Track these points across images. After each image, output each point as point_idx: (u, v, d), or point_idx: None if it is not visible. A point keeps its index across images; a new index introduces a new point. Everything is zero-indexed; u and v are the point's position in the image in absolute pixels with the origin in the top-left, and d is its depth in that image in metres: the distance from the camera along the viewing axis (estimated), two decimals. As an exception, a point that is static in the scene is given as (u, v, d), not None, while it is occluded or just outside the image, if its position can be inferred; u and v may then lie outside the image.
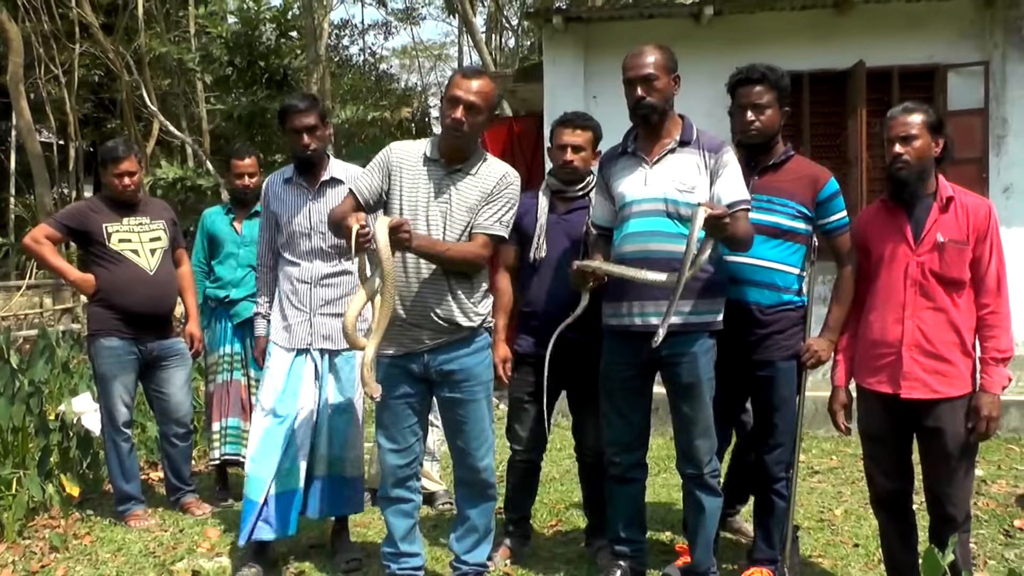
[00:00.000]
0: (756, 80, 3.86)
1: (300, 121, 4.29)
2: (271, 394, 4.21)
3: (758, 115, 3.85)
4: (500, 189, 3.65)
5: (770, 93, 3.86)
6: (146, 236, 5.14)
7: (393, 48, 33.97)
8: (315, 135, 4.30)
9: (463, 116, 3.54)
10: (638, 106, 3.67)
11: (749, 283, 3.82)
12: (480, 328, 3.73)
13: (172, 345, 5.17)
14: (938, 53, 7.86)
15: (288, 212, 4.34)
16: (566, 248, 4.16)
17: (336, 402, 4.27)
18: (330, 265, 4.30)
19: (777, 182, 3.87)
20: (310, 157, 4.32)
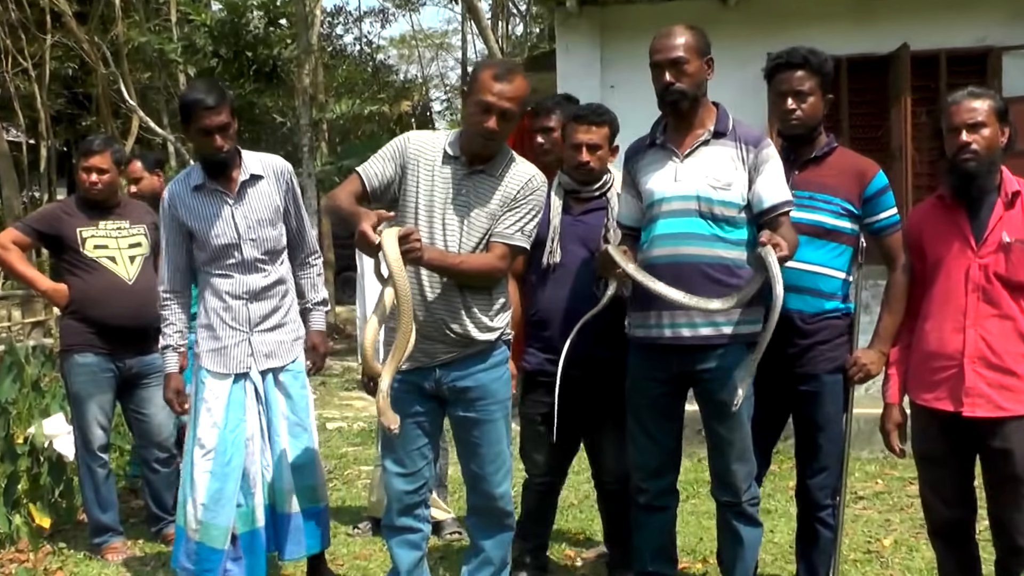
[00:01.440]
0: (797, 65, 3.83)
1: (211, 120, 4.08)
2: (210, 430, 4.13)
3: (799, 103, 3.81)
4: (524, 195, 3.59)
5: (812, 79, 3.83)
6: (125, 242, 5.11)
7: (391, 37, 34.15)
8: (227, 134, 4.14)
9: (496, 125, 3.47)
10: (667, 92, 3.63)
11: (790, 289, 3.74)
12: (497, 342, 3.69)
13: (153, 361, 5.11)
14: (990, 35, 7.80)
15: (207, 225, 4.17)
16: (582, 253, 4.13)
17: (289, 425, 4.23)
18: (265, 276, 4.22)
19: (820, 177, 3.84)
20: (223, 159, 4.17)
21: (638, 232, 3.80)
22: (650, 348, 3.71)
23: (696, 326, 3.59)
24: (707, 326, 3.57)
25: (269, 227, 4.22)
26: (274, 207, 4.25)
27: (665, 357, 3.66)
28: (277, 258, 4.27)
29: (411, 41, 33.12)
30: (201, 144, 4.17)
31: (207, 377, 4.18)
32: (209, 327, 4.21)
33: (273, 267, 4.24)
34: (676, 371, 3.65)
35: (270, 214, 4.23)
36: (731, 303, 3.47)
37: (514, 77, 3.50)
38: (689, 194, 3.61)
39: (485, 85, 3.47)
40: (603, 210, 4.16)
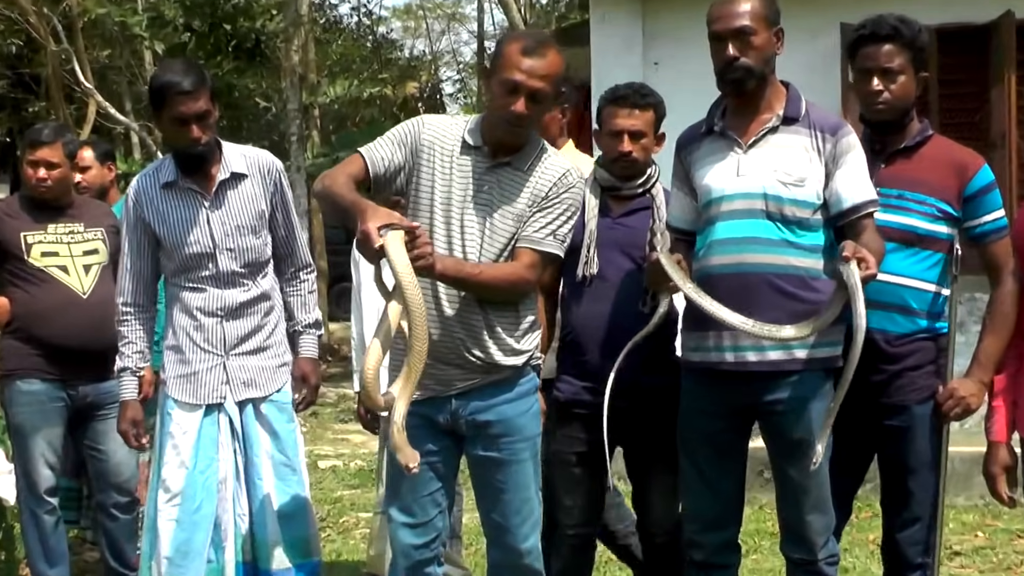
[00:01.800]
0: (885, 37, 3.81)
1: (187, 107, 4.06)
2: (177, 471, 4.11)
3: (888, 83, 3.80)
4: (558, 192, 3.57)
5: (903, 54, 3.81)
6: (79, 248, 5.11)
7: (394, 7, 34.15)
8: (206, 123, 4.14)
9: (526, 109, 3.44)
10: (729, 69, 3.63)
11: (874, 305, 3.74)
12: (525, 367, 3.68)
13: (111, 389, 5.07)
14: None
15: (177, 230, 4.18)
16: (624, 262, 4.13)
17: (275, 466, 4.22)
18: (244, 290, 4.22)
19: (911, 171, 3.82)
20: (201, 153, 4.17)
21: (691, 236, 3.80)
22: (708, 375, 3.71)
23: (764, 349, 3.58)
24: (777, 349, 3.56)
25: (251, 235, 4.23)
26: (258, 212, 4.25)
27: (726, 386, 3.65)
28: (260, 271, 4.27)
29: (418, 11, 33.27)
30: (175, 135, 4.16)
31: (174, 408, 4.18)
32: (177, 349, 4.21)
33: (254, 281, 4.24)
34: (740, 403, 3.65)
35: (253, 220, 4.23)
36: (806, 330, 3.47)
37: (546, 51, 3.48)
38: (754, 191, 3.60)
39: (512, 61, 3.46)
40: (647, 210, 4.15)
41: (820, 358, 3.61)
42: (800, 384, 3.60)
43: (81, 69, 16.76)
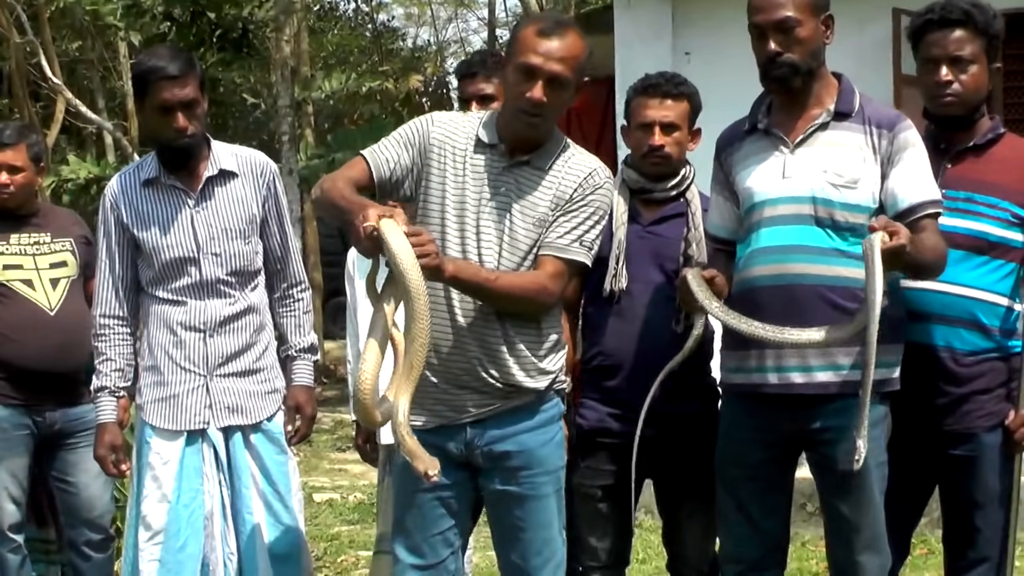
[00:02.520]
0: (955, 22, 3.83)
1: (173, 93, 4.08)
2: (158, 506, 4.12)
3: (957, 74, 3.82)
4: (584, 194, 3.57)
5: (976, 42, 3.83)
6: (45, 260, 5.14)
7: (396, -8, 34.22)
8: (194, 114, 4.14)
9: (544, 94, 3.44)
10: (773, 65, 3.64)
11: (939, 320, 3.80)
12: (548, 392, 3.67)
13: (83, 415, 5.13)
14: None
15: (157, 230, 4.19)
16: (656, 275, 4.12)
17: (265, 500, 4.23)
18: (230, 303, 4.21)
19: (981, 172, 3.83)
20: (187, 146, 4.17)
21: (732, 246, 3.82)
22: (750, 399, 3.72)
23: (811, 370, 3.58)
24: (825, 370, 3.56)
25: (239, 240, 4.23)
26: (248, 215, 4.26)
27: (770, 411, 3.66)
28: (248, 282, 4.27)
29: (422, -3, 33.35)
30: (158, 125, 4.17)
31: (152, 436, 4.18)
32: (154, 370, 4.21)
33: (241, 293, 4.24)
34: (785, 430, 3.65)
35: (242, 224, 4.24)
36: (840, 333, 3.46)
37: (566, 33, 3.51)
38: (802, 195, 3.61)
39: (528, 43, 3.47)
40: (681, 217, 4.15)
41: (875, 380, 3.56)
42: (850, 409, 3.57)
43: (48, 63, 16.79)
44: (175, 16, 14.61)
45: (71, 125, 20.15)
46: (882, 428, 3.66)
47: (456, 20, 33.96)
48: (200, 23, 14.64)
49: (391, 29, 30.76)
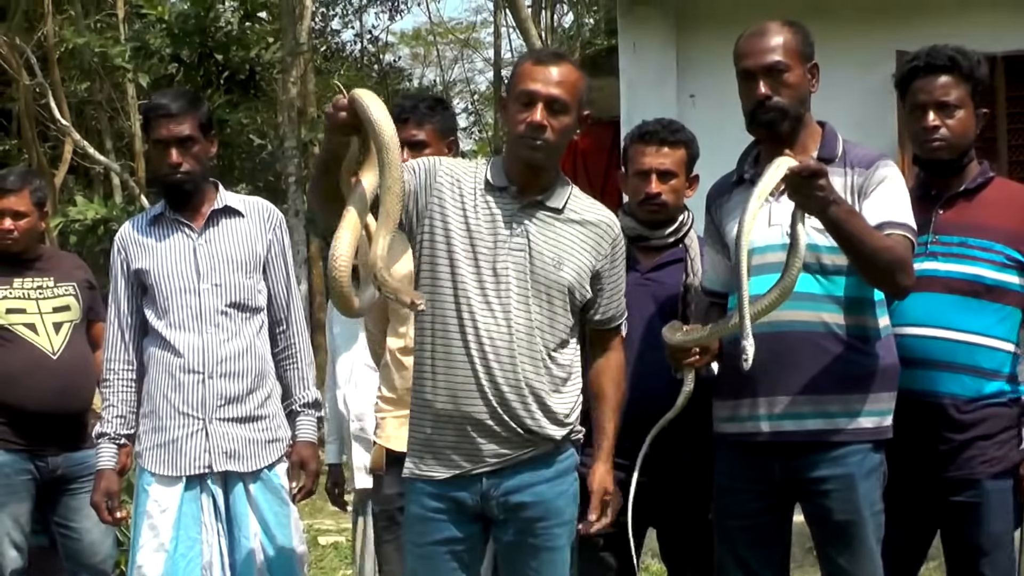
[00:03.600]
0: (941, 68, 3.84)
1: (169, 129, 4.17)
2: (154, 556, 4.11)
3: (944, 118, 3.82)
4: (615, 252, 3.62)
5: (961, 87, 3.84)
6: (48, 304, 5.15)
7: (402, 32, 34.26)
8: (189, 151, 4.19)
9: (544, 119, 3.46)
10: (760, 109, 3.65)
11: (938, 366, 3.79)
12: (566, 441, 3.65)
13: (85, 460, 5.11)
14: None
15: (158, 261, 4.24)
16: (655, 321, 4.09)
17: (266, 549, 4.20)
18: (229, 338, 4.21)
19: (974, 216, 3.83)
20: (179, 182, 4.21)
21: (726, 298, 3.80)
22: (744, 449, 3.70)
23: (803, 417, 3.57)
24: (816, 418, 3.56)
25: (240, 273, 4.24)
26: (251, 252, 4.28)
27: (764, 461, 3.64)
28: (250, 318, 4.26)
29: (428, 37, 33.43)
30: (156, 160, 4.25)
31: (151, 483, 4.17)
32: (153, 415, 4.21)
33: (241, 327, 4.24)
34: (779, 480, 3.63)
35: (245, 257, 4.26)
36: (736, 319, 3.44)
37: (561, 61, 3.56)
38: (775, 243, 3.60)
39: (525, 73, 3.53)
40: (680, 263, 4.15)
41: (867, 428, 3.59)
42: (845, 459, 3.58)
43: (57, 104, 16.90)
44: (183, 58, 14.62)
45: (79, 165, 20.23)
46: (877, 477, 3.64)
47: (461, 61, 34.11)
48: (207, 65, 14.66)
49: (397, 69, 30.88)
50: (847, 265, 3.54)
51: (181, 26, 14.49)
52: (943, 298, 3.70)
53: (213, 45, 14.74)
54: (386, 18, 31.28)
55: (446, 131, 4.38)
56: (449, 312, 3.49)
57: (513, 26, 23.98)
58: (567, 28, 26.95)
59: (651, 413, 3.87)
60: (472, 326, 3.48)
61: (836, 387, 3.54)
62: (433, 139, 4.27)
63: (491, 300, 3.50)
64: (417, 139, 4.23)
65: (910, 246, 3.54)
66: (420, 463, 3.58)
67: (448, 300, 3.50)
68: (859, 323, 3.57)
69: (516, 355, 3.50)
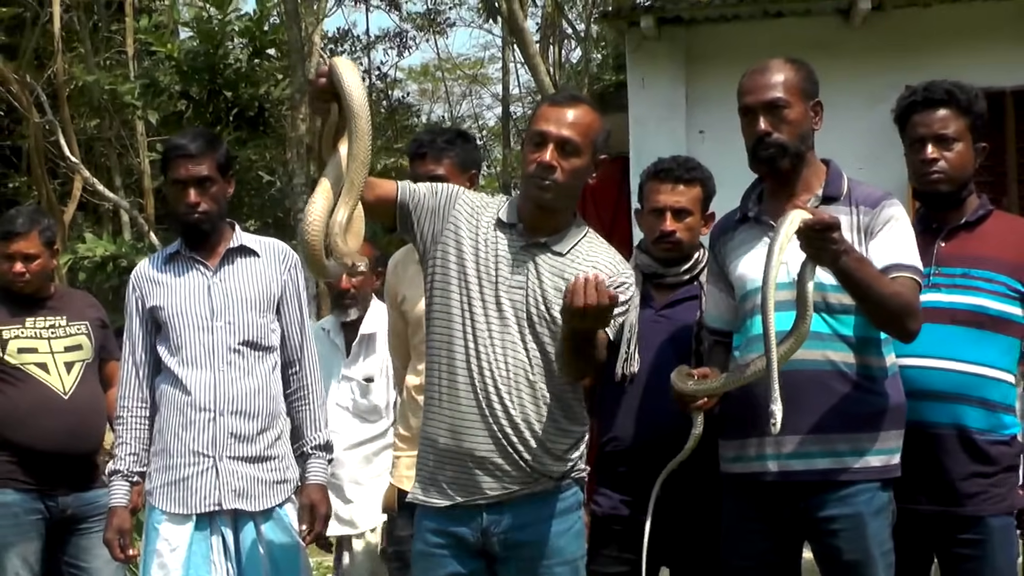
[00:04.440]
0: (938, 102, 3.86)
1: (187, 169, 4.20)
2: None
3: (942, 152, 3.83)
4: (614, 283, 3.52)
5: (959, 121, 3.85)
6: (60, 344, 5.16)
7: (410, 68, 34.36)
8: (207, 191, 4.24)
9: (554, 159, 3.47)
10: (761, 146, 3.66)
11: (945, 397, 3.77)
12: (568, 479, 3.64)
13: (96, 500, 5.12)
14: None
15: (172, 298, 4.25)
16: (669, 359, 4.06)
17: None
18: (241, 376, 4.21)
19: (975, 247, 3.83)
20: (197, 221, 4.24)
21: (731, 337, 3.81)
22: (751, 489, 3.68)
23: (811, 457, 3.56)
24: (825, 457, 3.55)
25: (254, 311, 4.25)
26: (266, 291, 4.29)
27: (771, 500, 3.63)
28: (263, 357, 4.26)
29: (436, 73, 33.53)
30: (174, 199, 4.28)
31: (162, 521, 4.16)
32: (164, 453, 4.20)
33: (254, 366, 4.24)
34: (787, 518, 3.61)
35: (258, 296, 4.27)
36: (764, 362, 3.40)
37: (577, 103, 3.57)
38: (794, 280, 3.57)
39: (541, 114, 3.56)
40: (694, 300, 4.14)
41: (875, 467, 3.58)
42: (854, 498, 3.56)
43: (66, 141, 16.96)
44: (192, 95, 14.68)
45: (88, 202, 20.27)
46: (886, 515, 3.62)
47: (470, 96, 34.19)
48: (217, 102, 14.71)
49: (405, 105, 30.92)
50: (853, 305, 3.54)
51: (190, 63, 14.55)
52: (948, 329, 3.69)
53: (222, 82, 14.79)
54: (394, 54, 31.38)
55: (467, 164, 4.39)
56: (458, 346, 3.51)
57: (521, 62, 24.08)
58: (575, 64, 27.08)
59: (665, 448, 3.85)
60: (476, 361, 3.50)
61: (844, 426, 3.53)
62: (453, 173, 4.27)
63: (494, 336, 3.51)
64: (436, 174, 4.24)
65: (917, 289, 3.54)
66: (422, 492, 3.60)
67: (458, 333, 3.51)
68: (866, 362, 3.56)
69: (514, 392, 3.51)
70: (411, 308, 4.36)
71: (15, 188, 22.28)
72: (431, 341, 3.59)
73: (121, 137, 20.21)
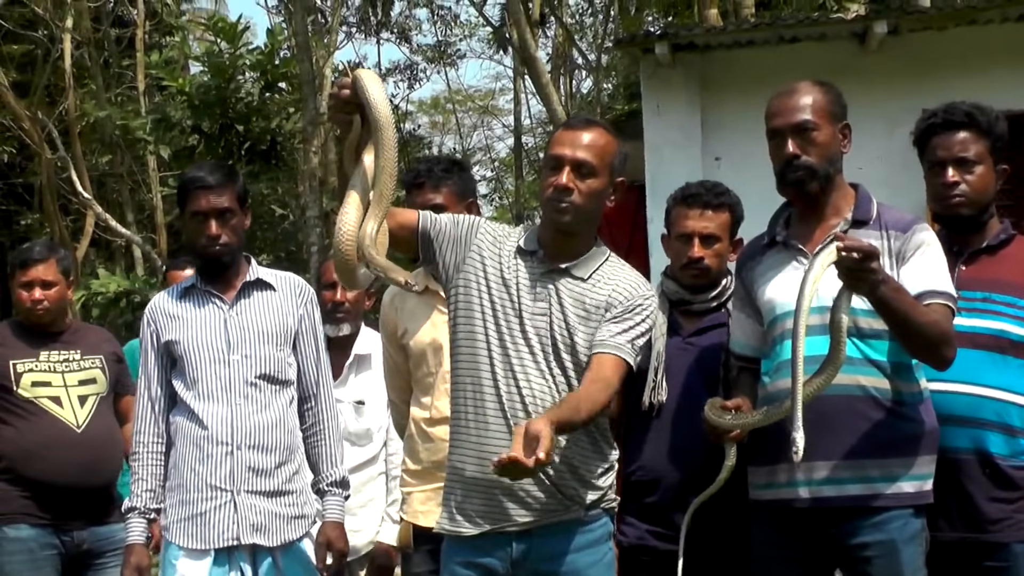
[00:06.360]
0: (958, 124, 3.84)
1: (208, 200, 4.19)
2: None
3: (963, 174, 3.82)
4: (633, 304, 3.54)
5: (979, 143, 3.83)
6: (74, 378, 5.15)
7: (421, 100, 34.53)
8: (228, 223, 4.22)
9: (570, 181, 3.47)
10: (789, 169, 3.65)
11: (971, 423, 3.74)
12: (598, 508, 3.61)
13: (112, 535, 5.11)
14: None
15: (189, 332, 4.23)
16: (697, 388, 4.06)
17: None
18: (260, 410, 4.19)
19: (996, 271, 3.81)
20: (218, 254, 4.23)
21: (757, 363, 3.79)
22: (782, 515, 3.66)
23: (843, 483, 3.53)
24: (857, 483, 3.52)
25: (271, 345, 4.24)
26: (282, 324, 4.28)
27: (803, 527, 3.60)
28: (280, 391, 4.25)
29: (447, 105, 33.65)
30: (194, 232, 4.24)
31: (179, 557, 4.13)
32: (180, 487, 4.18)
33: (271, 400, 4.22)
34: (819, 547, 3.59)
35: (275, 329, 4.26)
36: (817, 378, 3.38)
37: (593, 126, 3.58)
38: (824, 304, 3.53)
39: (555, 140, 3.58)
40: (722, 327, 4.12)
41: (908, 493, 3.55)
42: (886, 524, 3.53)
43: (79, 177, 17.06)
44: (204, 129, 14.72)
45: (100, 238, 20.37)
46: (919, 542, 3.59)
47: (481, 127, 34.28)
48: (228, 136, 14.76)
49: (416, 138, 31.04)
50: (885, 329, 3.51)
51: (202, 98, 14.60)
52: (969, 353, 3.65)
53: (234, 116, 14.84)
54: (405, 87, 31.52)
55: (465, 193, 4.37)
56: (484, 374, 3.50)
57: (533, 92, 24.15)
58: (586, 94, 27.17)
59: (693, 477, 3.84)
60: (504, 388, 3.48)
61: (876, 452, 3.51)
62: (451, 202, 4.25)
63: (520, 363, 3.49)
64: (434, 203, 4.21)
65: (951, 316, 3.53)
66: (448, 522, 3.57)
67: (484, 362, 3.50)
68: (898, 387, 3.54)
69: None
70: (414, 341, 4.33)
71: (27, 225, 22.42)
72: (456, 370, 3.57)
73: (133, 172, 20.33)
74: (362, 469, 5.04)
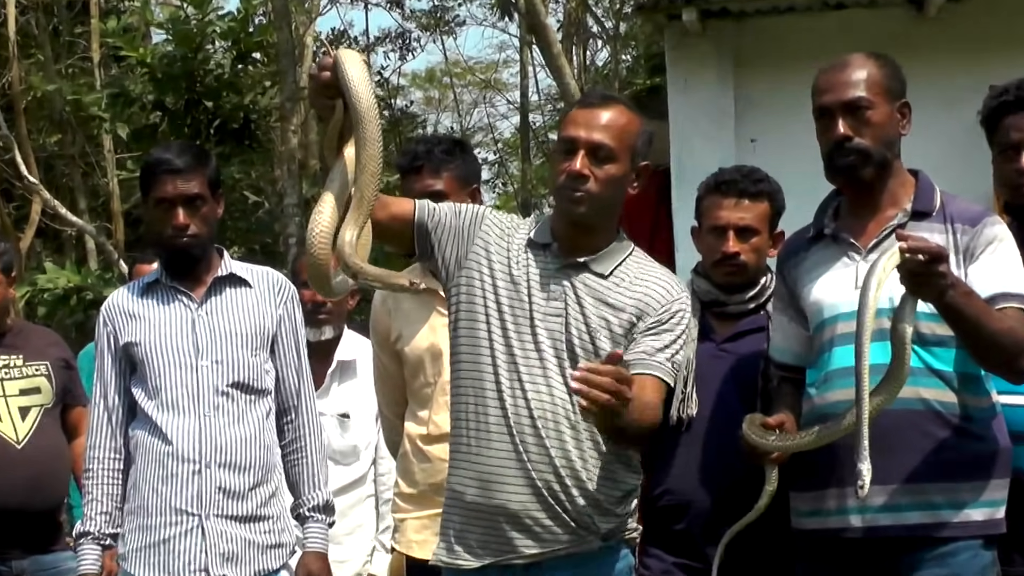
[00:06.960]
0: None
1: (175, 186, 4.18)
2: None
3: None
4: (666, 315, 3.58)
5: None
6: (14, 386, 5.18)
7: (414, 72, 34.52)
8: (197, 212, 4.21)
9: (585, 168, 3.47)
10: (839, 151, 3.64)
11: None
12: (617, 539, 3.63)
13: (57, 564, 5.15)
14: None
15: (153, 333, 4.24)
16: (732, 400, 4.08)
17: None
18: (232, 423, 4.19)
19: None
20: (187, 246, 4.22)
21: (800, 373, 3.80)
22: (831, 546, 3.65)
23: (902, 510, 3.53)
24: (917, 510, 3.51)
25: (245, 349, 4.25)
26: (259, 327, 4.29)
27: (854, 560, 3.59)
28: (255, 402, 4.25)
29: (444, 78, 33.68)
30: (158, 221, 4.24)
31: None
32: (140, 510, 4.18)
33: (245, 411, 4.22)
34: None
35: (250, 332, 4.27)
36: None
37: (610, 104, 3.60)
38: (881, 306, 3.52)
39: (569, 119, 3.61)
40: (761, 332, 4.14)
41: (977, 521, 3.55)
42: (952, 557, 3.53)
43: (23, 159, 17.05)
44: (167, 105, 14.72)
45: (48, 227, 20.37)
46: (989, 577, 3.61)
47: (483, 104, 34.28)
48: (195, 113, 14.76)
49: (409, 115, 31.04)
50: (950, 335, 3.52)
51: (165, 70, 14.61)
52: None
53: (202, 91, 14.86)
54: (397, 58, 31.49)
55: (468, 178, 4.39)
56: (488, 384, 3.52)
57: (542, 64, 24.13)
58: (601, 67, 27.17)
59: (727, 502, 3.86)
60: (509, 400, 3.50)
61: (940, 475, 3.50)
62: (452, 189, 4.29)
63: (529, 371, 3.51)
64: (434, 190, 4.25)
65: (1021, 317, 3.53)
66: (446, 553, 3.59)
67: (487, 370, 3.52)
68: (965, 401, 3.54)
69: (553, 435, 3.50)
70: (409, 347, 4.33)
71: (-34, 213, 22.43)
72: (457, 381, 3.60)
73: (86, 154, 20.34)
74: (348, 491, 5.05)
